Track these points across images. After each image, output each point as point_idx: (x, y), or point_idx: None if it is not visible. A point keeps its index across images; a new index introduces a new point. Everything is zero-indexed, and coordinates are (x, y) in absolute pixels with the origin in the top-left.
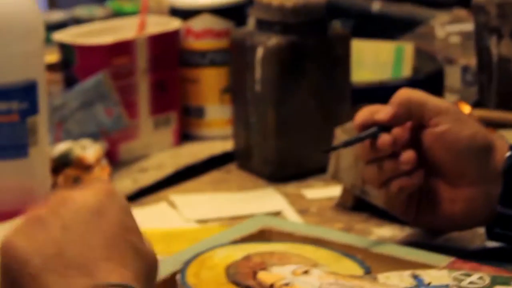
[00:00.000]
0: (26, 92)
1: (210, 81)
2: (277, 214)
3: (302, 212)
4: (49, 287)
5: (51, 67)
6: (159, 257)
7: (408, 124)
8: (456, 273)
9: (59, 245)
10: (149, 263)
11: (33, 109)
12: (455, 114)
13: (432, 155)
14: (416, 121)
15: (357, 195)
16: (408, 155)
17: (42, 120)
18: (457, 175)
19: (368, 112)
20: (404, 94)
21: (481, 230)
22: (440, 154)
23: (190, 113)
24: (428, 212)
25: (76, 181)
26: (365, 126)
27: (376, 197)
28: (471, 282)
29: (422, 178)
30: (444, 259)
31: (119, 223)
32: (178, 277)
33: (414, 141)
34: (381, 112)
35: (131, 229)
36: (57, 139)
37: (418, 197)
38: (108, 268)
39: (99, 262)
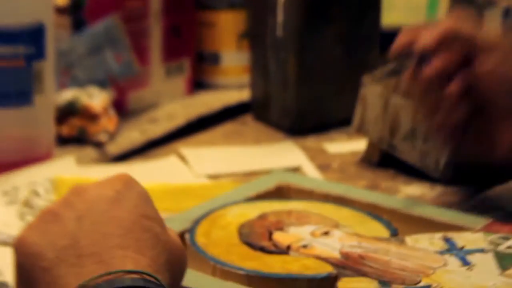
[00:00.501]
0: (33, 36)
1: (227, 25)
2: (295, 169)
3: (323, 167)
4: (62, 279)
5: (59, 10)
6: (166, 214)
7: (453, 55)
8: (493, 236)
9: (72, 236)
10: (172, 253)
11: (39, 54)
12: (505, 50)
13: (479, 91)
14: (461, 55)
15: (384, 149)
16: (453, 87)
17: (48, 66)
18: (505, 109)
19: (410, 36)
20: (451, 23)
21: None
22: (487, 91)
23: (204, 59)
24: (476, 143)
25: (81, 132)
26: (402, 54)
27: (405, 151)
28: (509, 247)
29: (467, 111)
30: (479, 221)
31: (136, 210)
32: (187, 236)
33: (459, 74)
34: (424, 35)
35: (150, 216)
36: (62, 86)
37: (463, 129)
38: (123, 256)
39: (113, 250)
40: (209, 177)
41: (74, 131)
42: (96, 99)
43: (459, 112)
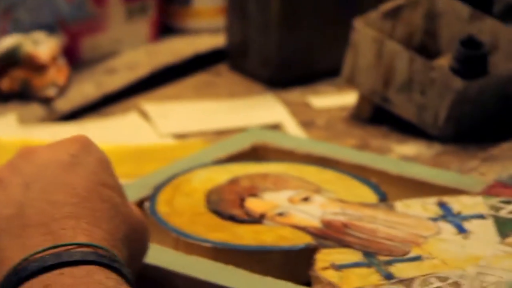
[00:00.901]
0: None
1: None
2: (275, 127)
3: (307, 124)
4: (4, 251)
5: None
6: (125, 180)
7: None
8: (494, 200)
9: (18, 204)
10: (133, 227)
11: None
12: None
13: None
14: None
15: (376, 103)
16: None
17: None
18: None
19: None
20: None
21: None
22: None
23: None
24: None
25: (24, 85)
26: None
27: (400, 105)
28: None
29: None
30: (479, 183)
31: (94, 177)
32: (146, 204)
33: None
34: None
35: (109, 185)
36: (2, 32)
37: None
38: (74, 227)
39: (64, 220)
40: (176, 136)
41: (16, 84)
42: (43, 46)
43: None
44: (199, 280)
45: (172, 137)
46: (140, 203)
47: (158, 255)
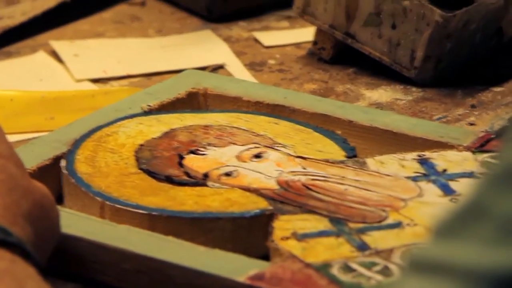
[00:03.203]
0: None
1: None
2: (217, 69)
3: (256, 66)
4: None
5: None
6: (35, 134)
7: None
8: (485, 155)
9: None
10: (37, 203)
11: None
12: None
13: None
14: None
15: (339, 40)
16: None
17: None
18: None
19: None
20: None
21: None
22: None
23: None
24: None
25: None
26: None
27: (368, 42)
28: None
29: None
30: (467, 135)
31: None
32: (63, 163)
33: None
34: None
35: (4, 155)
36: None
37: None
38: None
39: None
40: (95, 81)
41: None
42: None
43: None
44: (132, 253)
45: (89, 81)
46: (55, 161)
47: (80, 224)
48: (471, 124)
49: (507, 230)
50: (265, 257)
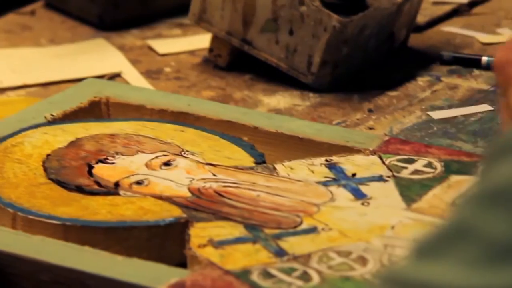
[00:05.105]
0: None
1: None
2: (114, 77)
3: (152, 74)
4: None
5: None
6: None
7: None
8: (393, 159)
9: None
10: None
11: None
12: None
13: None
14: None
15: (236, 46)
16: None
17: None
18: None
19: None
20: None
21: None
22: None
23: None
24: None
25: None
26: None
27: (265, 48)
28: (415, 171)
29: None
30: (372, 139)
31: None
32: None
33: None
34: None
35: None
36: None
37: None
38: None
39: None
40: None
41: None
42: None
43: None
44: (49, 264)
45: None
46: None
47: None
48: (370, 128)
49: (492, 252)
50: (181, 264)
